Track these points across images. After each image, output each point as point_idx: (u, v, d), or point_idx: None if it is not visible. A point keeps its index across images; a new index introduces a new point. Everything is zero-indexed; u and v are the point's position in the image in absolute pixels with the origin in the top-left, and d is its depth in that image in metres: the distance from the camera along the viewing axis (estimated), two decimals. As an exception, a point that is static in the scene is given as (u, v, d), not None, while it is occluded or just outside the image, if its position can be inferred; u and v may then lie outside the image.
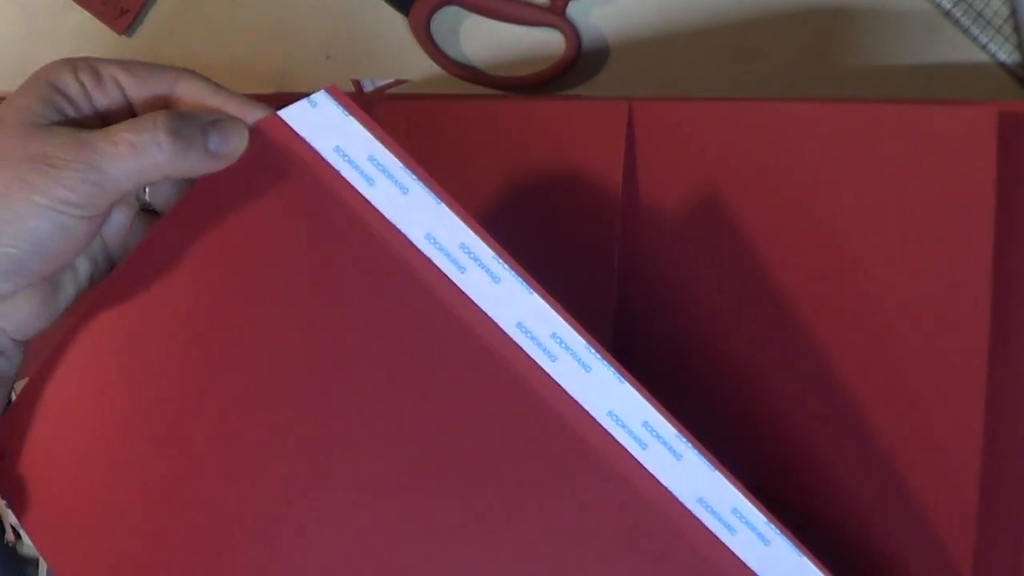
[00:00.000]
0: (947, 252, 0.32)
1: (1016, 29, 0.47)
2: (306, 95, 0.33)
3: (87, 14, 0.51)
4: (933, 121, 0.32)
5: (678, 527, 0.31)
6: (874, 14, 0.48)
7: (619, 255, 0.40)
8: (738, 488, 0.31)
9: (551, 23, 0.50)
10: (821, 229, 0.35)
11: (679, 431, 0.31)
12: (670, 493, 0.31)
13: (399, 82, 0.51)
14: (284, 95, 0.51)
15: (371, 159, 0.33)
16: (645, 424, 0.31)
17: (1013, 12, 0.47)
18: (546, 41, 0.50)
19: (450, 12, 0.51)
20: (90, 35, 0.51)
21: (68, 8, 0.51)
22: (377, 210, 0.33)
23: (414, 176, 0.32)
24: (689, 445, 0.31)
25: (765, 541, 0.31)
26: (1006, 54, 0.47)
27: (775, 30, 0.49)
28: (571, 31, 0.49)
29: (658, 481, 0.31)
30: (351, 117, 0.33)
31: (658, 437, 0.31)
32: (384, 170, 0.33)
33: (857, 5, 0.48)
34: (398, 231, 0.32)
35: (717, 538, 0.31)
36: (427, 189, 0.32)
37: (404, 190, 0.32)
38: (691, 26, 0.49)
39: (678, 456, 0.31)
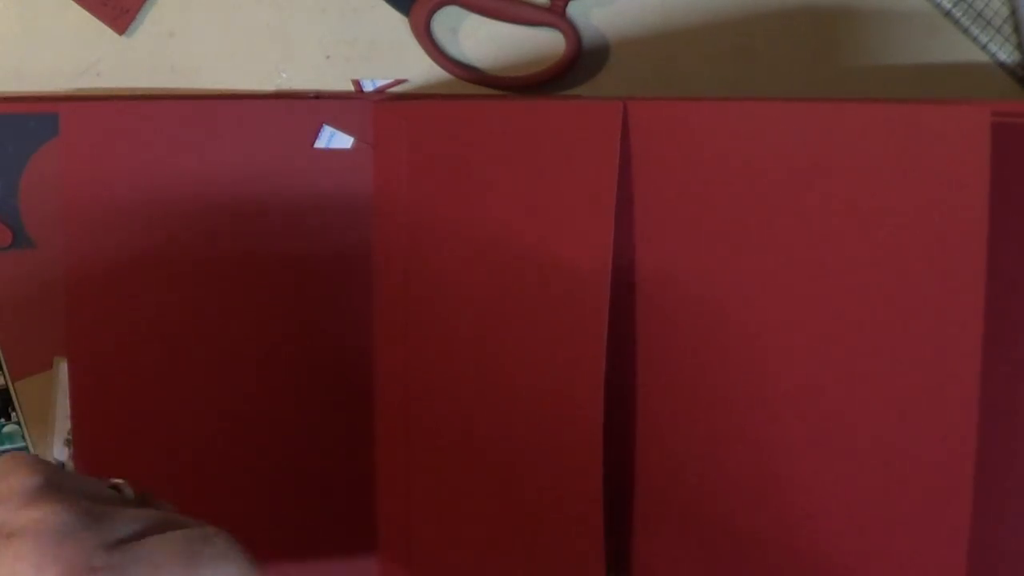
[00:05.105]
0: (940, 253, 0.32)
1: (1016, 29, 0.47)
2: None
3: (86, 13, 0.51)
4: (927, 121, 0.32)
5: None
6: (874, 14, 0.48)
7: (613, 257, 0.40)
8: None
9: (551, 23, 0.50)
10: (818, 229, 0.35)
11: None
12: None
13: (399, 82, 0.51)
14: (284, 95, 0.51)
15: None
16: None
17: (1013, 12, 0.47)
18: (546, 41, 0.50)
19: (450, 12, 0.51)
20: (89, 35, 0.51)
21: (67, 7, 0.51)
22: None
23: None
24: None
25: None
26: (1006, 54, 0.47)
27: (775, 30, 0.49)
28: (571, 31, 0.49)
29: None
30: None
31: None
32: None
33: (857, 5, 0.48)
34: None
35: None
36: None
37: None
38: (691, 26, 0.49)
39: None
